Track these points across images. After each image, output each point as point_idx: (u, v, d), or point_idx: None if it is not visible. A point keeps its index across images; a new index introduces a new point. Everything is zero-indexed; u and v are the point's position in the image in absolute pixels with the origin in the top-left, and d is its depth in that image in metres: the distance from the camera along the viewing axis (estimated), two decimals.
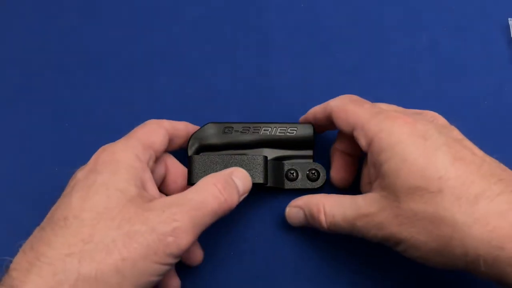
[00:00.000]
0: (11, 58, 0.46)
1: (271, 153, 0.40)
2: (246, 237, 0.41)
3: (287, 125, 0.40)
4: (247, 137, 0.40)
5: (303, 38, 0.46)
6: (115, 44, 0.46)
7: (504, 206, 0.29)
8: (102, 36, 0.46)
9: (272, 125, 0.40)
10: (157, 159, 0.36)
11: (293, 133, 0.40)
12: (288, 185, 0.41)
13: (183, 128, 0.38)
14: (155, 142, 0.35)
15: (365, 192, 0.35)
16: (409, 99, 0.44)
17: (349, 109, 0.36)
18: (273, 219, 0.41)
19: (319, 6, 0.47)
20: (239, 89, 0.45)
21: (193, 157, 0.38)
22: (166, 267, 0.30)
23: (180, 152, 0.39)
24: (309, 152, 0.41)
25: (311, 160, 0.41)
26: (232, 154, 0.38)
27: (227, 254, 0.40)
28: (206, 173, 0.37)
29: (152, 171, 0.35)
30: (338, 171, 0.40)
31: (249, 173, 0.37)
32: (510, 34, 0.45)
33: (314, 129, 0.40)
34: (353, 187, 0.40)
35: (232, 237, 0.40)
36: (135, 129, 0.36)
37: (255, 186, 0.37)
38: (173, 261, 0.31)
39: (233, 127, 0.40)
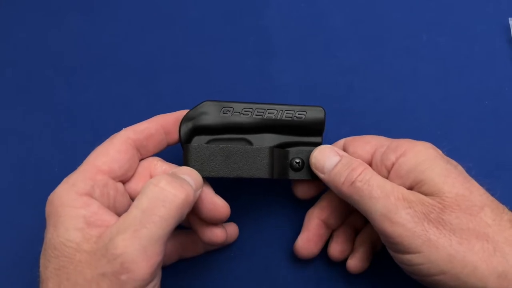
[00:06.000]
0: (11, 58, 0.45)
1: (275, 139, 0.36)
2: (245, 237, 0.41)
3: (295, 108, 0.36)
4: (249, 120, 0.35)
5: (303, 38, 0.46)
6: (116, 44, 0.46)
7: None
8: (103, 36, 0.46)
9: (278, 108, 0.36)
10: (123, 176, 0.34)
11: (301, 117, 0.36)
12: (293, 175, 0.37)
13: (145, 128, 0.35)
14: (105, 164, 0.32)
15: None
16: (410, 99, 0.44)
17: (366, 136, 0.37)
18: (273, 219, 0.41)
19: (320, 6, 0.47)
20: (240, 89, 0.44)
21: (189, 147, 0.34)
22: None
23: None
24: (318, 139, 0.37)
25: None
26: (234, 145, 0.34)
27: (227, 255, 0.40)
28: (203, 166, 0.34)
29: (107, 195, 0.33)
30: (308, 242, 0.38)
31: (253, 167, 0.34)
32: (510, 34, 0.45)
33: (325, 113, 0.36)
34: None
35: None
36: (91, 153, 0.34)
37: (257, 178, 0.35)
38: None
39: (233, 108, 0.35)
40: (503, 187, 0.33)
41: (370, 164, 0.35)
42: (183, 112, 0.36)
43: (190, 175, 0.33)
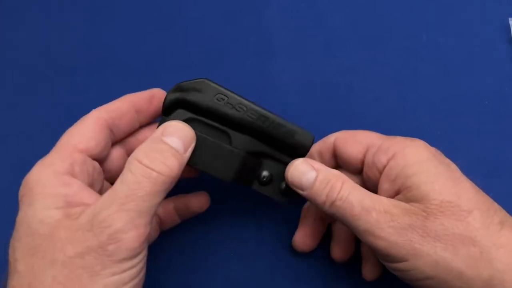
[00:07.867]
0: (11, 58, 0.46)
1: (254, 145, 0.35)
2: (245, 238, 0.41)
3: (287, 125, 0.34)
4: (237, 116, 0.34)
5: (303, 38, 0.46)
6: (116, 44, 0.46)
7: None
8: (103, 36, 0.46)
9: (271, 118, 0.34)
10: (99, 155, 0.33)
11: (289, 137, 0.35)
12: (257, 186, 0.36)
13: (117, 107, 0.34)
14: (81, 142, 0.32)
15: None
16: (410, 99, 0.44)
17: (358, 133, 0.36)
18: (273, 219, 0.41)
19: (320, 6, 0.47)
20: (240, 89, 0.44)
21: (165, 121, 0.33)
22: (132, 266, 0.29)
23: None
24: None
25: None
26: (212, 139, 0.33)
27: (227, 255, 0.40)
28: None
29: (87, 173, 0.32)
30: (305, 236, 0.38)
31: (221, 166, 0.33)
32: (510, 34, 0.45)
33: (313, 141, 0.35)
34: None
35: (232, 238, 0.41)
36: (63, 135, 0.33)
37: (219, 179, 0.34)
38: (135, 260, 0.29)
39: (228, 98, 0.34)
40: (503, 187, 0.33)
41: (362, 164, 0.35)
42: (155, 91, 0.36)
43: (177, 135, 0.32)
